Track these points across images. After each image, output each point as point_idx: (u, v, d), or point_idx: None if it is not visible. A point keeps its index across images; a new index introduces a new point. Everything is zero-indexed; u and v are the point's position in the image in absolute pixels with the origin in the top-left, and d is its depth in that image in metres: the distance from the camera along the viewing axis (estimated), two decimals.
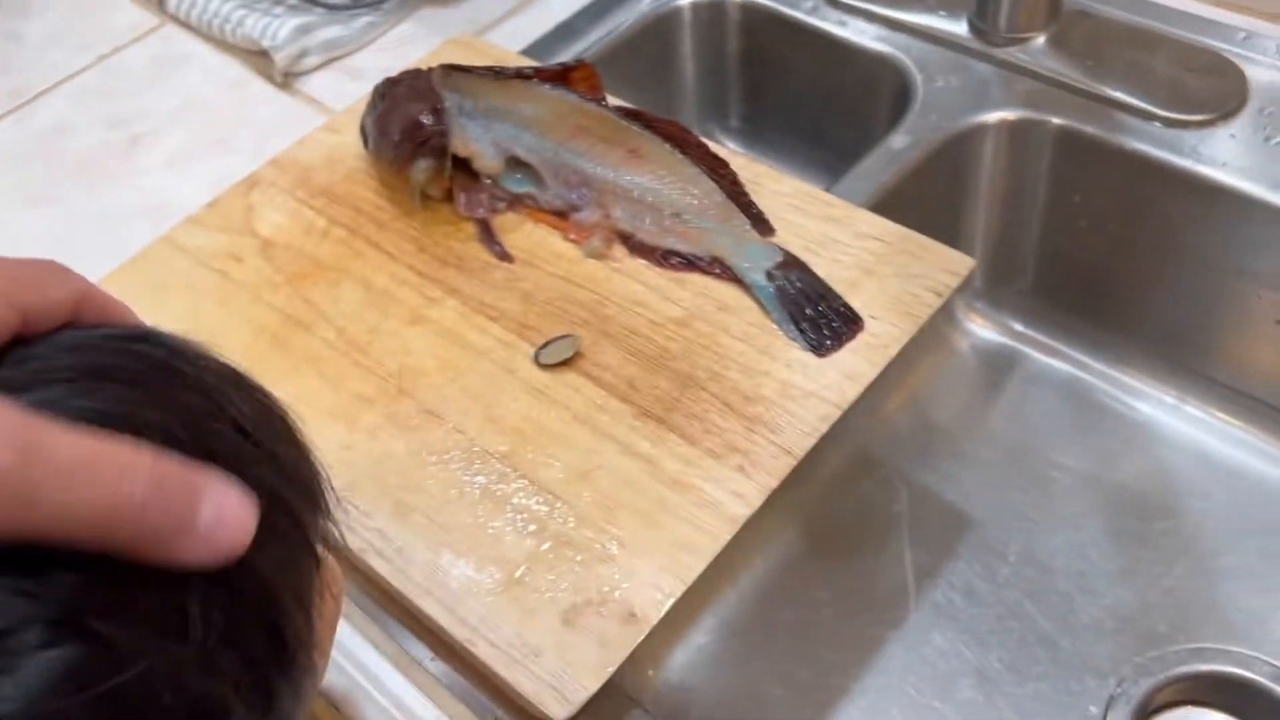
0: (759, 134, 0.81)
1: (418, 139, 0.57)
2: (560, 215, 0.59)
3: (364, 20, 0.76)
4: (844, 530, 0.66)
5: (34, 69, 0.79)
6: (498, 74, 0.58)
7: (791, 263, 0.55)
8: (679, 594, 0.45)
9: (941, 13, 0.71)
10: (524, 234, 0.59)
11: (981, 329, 0.73)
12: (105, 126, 0.74)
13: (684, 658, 0.60)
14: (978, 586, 0.62)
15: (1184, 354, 0.67)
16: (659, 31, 0.76)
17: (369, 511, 0.48)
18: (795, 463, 0.48)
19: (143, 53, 0.79)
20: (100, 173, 0.71)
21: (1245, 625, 0.58)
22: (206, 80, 0.76)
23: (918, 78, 0.68)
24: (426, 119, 0.57)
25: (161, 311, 0.58)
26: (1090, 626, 0.59)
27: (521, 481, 0.49)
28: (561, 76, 0.58)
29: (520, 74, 0.58)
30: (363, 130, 0.62)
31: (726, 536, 0.46)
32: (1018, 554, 0.63)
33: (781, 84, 0.76)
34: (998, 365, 0.72)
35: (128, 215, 0.68)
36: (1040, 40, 0.68)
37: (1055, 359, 0.71)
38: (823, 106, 0.75)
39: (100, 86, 0.77)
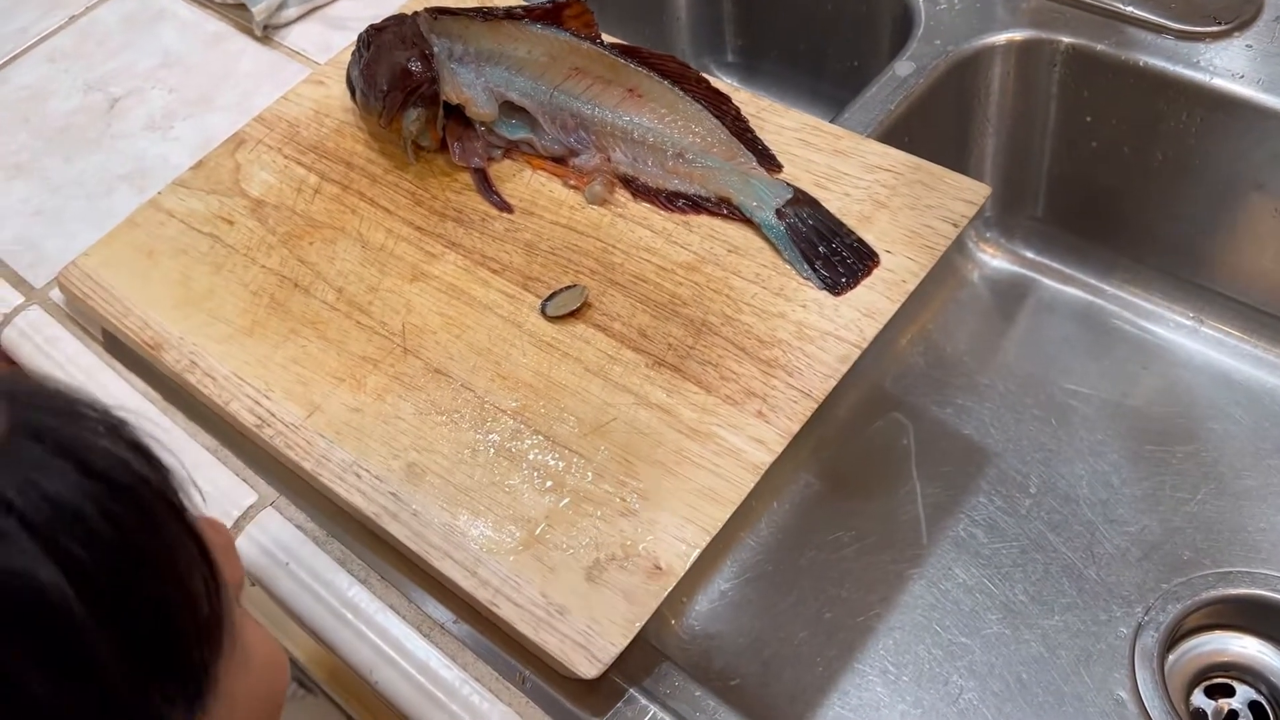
0: (756, 68, 0.79)
1: (407, 88, 0.55)
2: (559, 161, 0.57)
3: None
4: (860, 470, 0.65)
5: (2, 32, 0.76)
6: (486, 15, 0.56)
7: (801, 199, 0.53)
8: (704, 544, 0.44)
9: None
10: (522, 182, 0.57)
11: (993, 258, 0.72)
12: (82, 90, 0.71)
13: (706, 605, 0.60)
14: (999, 520, 0.61)
15: (1200, 273, 0.66)
16: None
17: (382, 476, 0.47)
18: (816, 406, 0.47)
19: (115, 10, 0.76)
20: (80, 138, 0.68)
21: (1271, 548, 0.58)
22: (183, 37, 0.73)
23: (920, 0, 0.66)
24: (415, 66, 0.55)
25: (153, 278, 0.56)
26: (1115, 555, 0.59)
27: (536, 438, 0.48)
28: (554, 15, 0.55)
29: (510, 14, 0.56)
30: (349, 82, 0.60)
31: (749, 484, 0.45)
32: (1038, 485, 0.62)
33: (777, 13, 0.73)
34: (1011, 294, 0.71)
35: (111, 180, 0.65)
36: None
37: (1069, 285, 0.70)
38: (822, 34, 0.73)
39: (74, 48, 0.74)
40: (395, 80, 0.55)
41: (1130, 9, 0.62)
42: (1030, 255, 0.71)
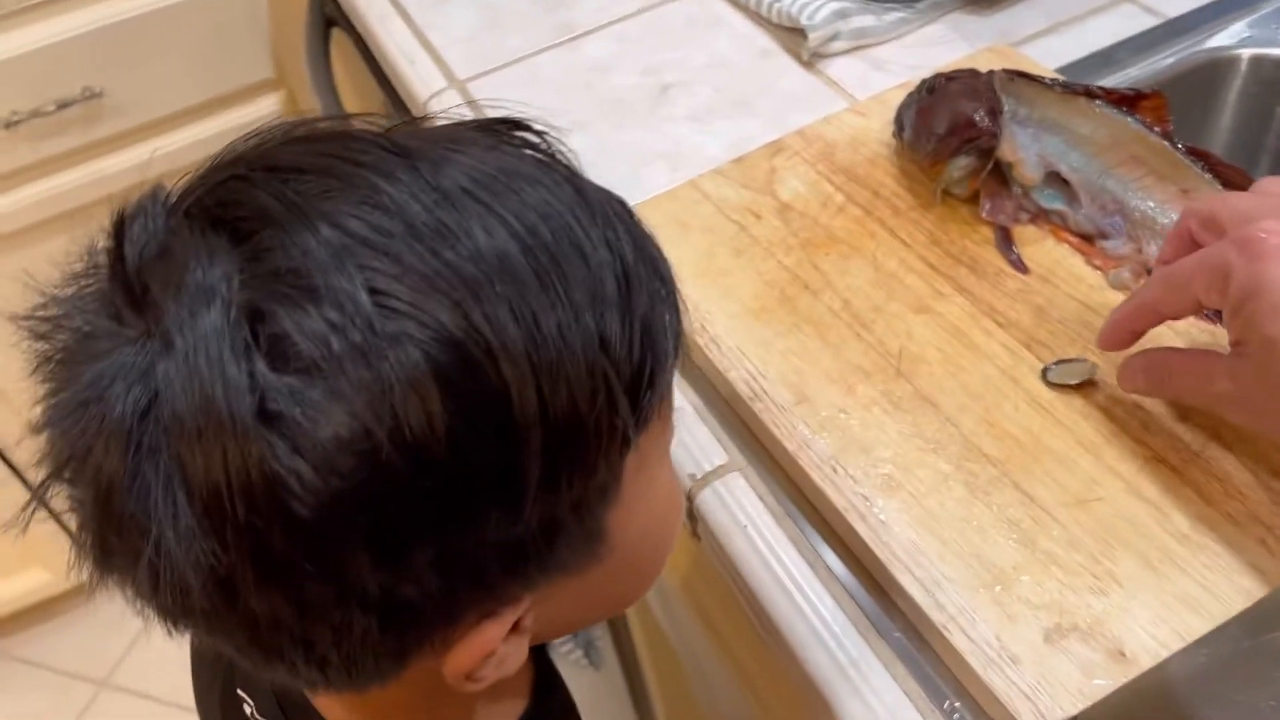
0: None
1: (966, 136, 0.58)
2: (1086, 239, 0.58)
3: (896, 15, 0.77)
4: None
5: (584, 9, 0.87)
6: (1065, 87, 0.58)
7: None
8: (1176, 648, 0.43)
9: None
10: (1044, 250, 0.59)
11: None
12: (639, 72, 0.80)
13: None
14: None
15: None
16: (1204, 79, 0.72)
17: (857, 478, 0.50)
18: None
19: (680, 10, 0.85)
20: (629, 113, 0.77)
21: None
22: (735, 46, 0.81)
23: None
24: (981, 118, 0.57)
25: (682, 247, 0.63)
26: None
27: (1014, 492, 0.49)
28: (1131, 102, 0.56)
29: (1088, 91, 0.57)
30: (898, 118, 0.64)
31: (1237, 607, 0.43)
32: None
33: None
34: None
35: (649, 156, 0.73)
36: None
37: None
38: None
39: (639, 35, 0.84)
40: (956, 127, 0.58)
41: None
42: None
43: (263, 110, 1.32)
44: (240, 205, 0.30)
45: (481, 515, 0.30)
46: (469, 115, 0.36)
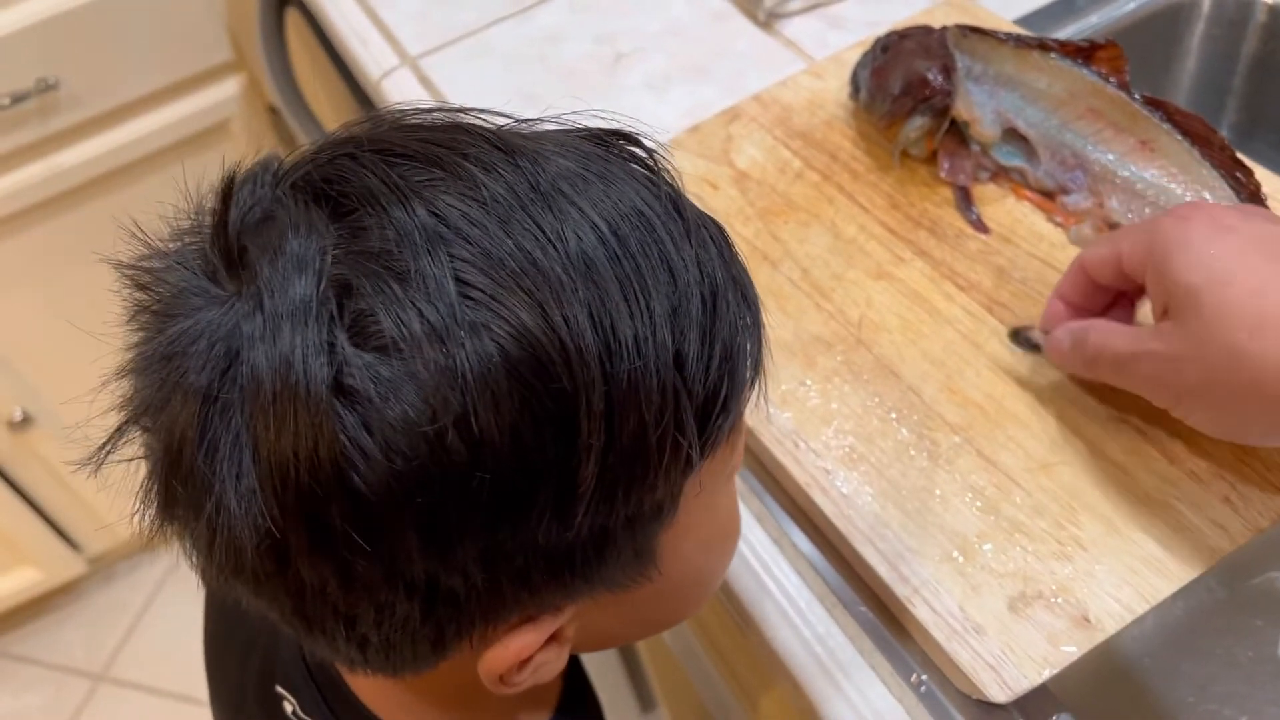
0: (1248, 148, 0.74)
1: (920, 95, 0.56)
2: (1046, 195, 0.57)
3: None
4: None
5: None
6: (1018, 41, 0.56)
7: None
8: (1141, 611, 0.42)
9: None
10: (1004, 208, 0.58)
11: None
12: (593, 41, 0.79)
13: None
14: None
15: None
16: (1166, 23, 0.70)
17: (819, 451, 0.49)
18: None
19: None
20: (584, 83, 0.75)
21: None
22: (690, 9, 0.79)
23: None
24: (935, 77, 0.56)
25: None
26: None
27: (977, 458, 0.48)
28: (1086, 54, 0.55)
29: (1042, 44, 0.56)
30: (854, 79, 0.63)
31: (1202, 567, 0.43)
32: None
33: None
34: None
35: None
36: None
37: None
38: None
39: (591, 2, 0.82)
40: (910, 86, 0.57)
41: None
42: None
43: (225, 93, 1.30)
44: (345, 182, 0.31)
45: (534, 516, 0.30)
46: (572, 124, 0.36)
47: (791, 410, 0.51)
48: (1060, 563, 0.44)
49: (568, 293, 0.29)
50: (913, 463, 0.48)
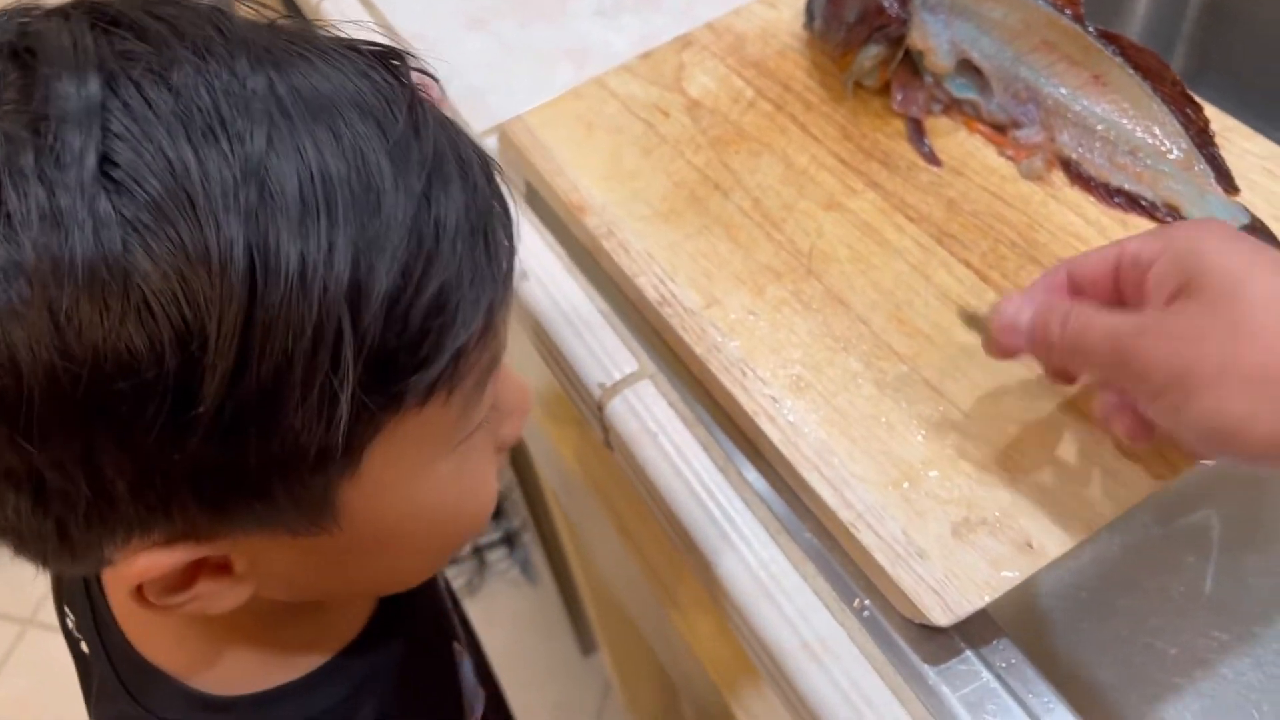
0: (1200, 83, 0.74)
1: (875, 24, 0.56)
2: (999, 129, 0.56)
3: None
4: (1214, 523, 0.61)
5: None
6: None
7: (1257, 227, 0.50)
8: (1082, 538, 0.43)
9: None
10: (956, 141, 0.57)
11: None
12: None
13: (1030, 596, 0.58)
14: None
15: None
16: None
17: (766, 379, 0.49)
18: None
19: None
20: (535, 10, 0.73)
21: None
22: None
23: None
24: (890, 4, 0.55)
25: (587, 147, 0.60)
26: None
27: (924, 388, 0.48)
28: None
29: None
30: (808, 8, 0.61)
31: (1140, 496, 0.43)
32: None
33: (1247, 32, 0.69)
34: None
35: (555, 54, 0.70)
36: None
37: None
38: None
39: None
40: (865, 15, 0.56)
41: None
42: None
43: None
44: (42, 39, 0.28)
45: (139, 427, 0.28)
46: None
47: (740, 339, 0.51)
48: (1006, 491, 0.44)
49: (229, 200, 0.27)
50: (860, 391, 0.48)
